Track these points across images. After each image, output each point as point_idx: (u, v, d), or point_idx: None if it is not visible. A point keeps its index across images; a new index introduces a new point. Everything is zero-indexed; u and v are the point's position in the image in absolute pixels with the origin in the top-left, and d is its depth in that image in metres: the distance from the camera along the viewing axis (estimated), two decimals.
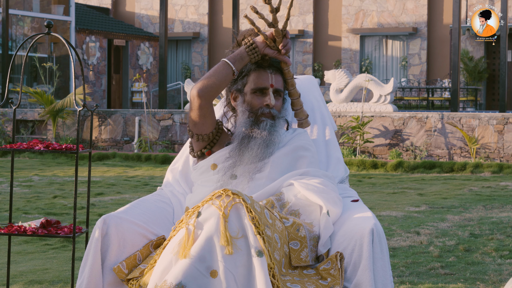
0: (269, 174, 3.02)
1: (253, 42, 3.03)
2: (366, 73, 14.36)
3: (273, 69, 3.10)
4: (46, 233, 3.42)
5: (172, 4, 26.34)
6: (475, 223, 6.76)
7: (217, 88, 2.99)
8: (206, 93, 2.98)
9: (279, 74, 3.12)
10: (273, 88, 3.09)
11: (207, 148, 3.14)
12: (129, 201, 8.04)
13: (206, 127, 3.08)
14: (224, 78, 3.00)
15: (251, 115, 3.07)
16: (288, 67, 3.11)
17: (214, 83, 2.98)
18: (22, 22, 21.36)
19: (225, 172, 3.02)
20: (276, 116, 3.08)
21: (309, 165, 3.09)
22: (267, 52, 3.05)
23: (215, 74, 2.99)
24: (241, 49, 3.04)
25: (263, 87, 3.08)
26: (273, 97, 3.08)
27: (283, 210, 2.87)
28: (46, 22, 3.50)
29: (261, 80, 3.08)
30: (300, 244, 2.73)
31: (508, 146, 12.73)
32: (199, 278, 2.46)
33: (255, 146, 3.02)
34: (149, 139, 14.92)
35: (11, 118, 15.91)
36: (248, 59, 3.03)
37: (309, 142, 3.17)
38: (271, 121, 3.07)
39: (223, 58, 3.03)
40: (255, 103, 3.08)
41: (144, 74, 24.86)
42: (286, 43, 3.04)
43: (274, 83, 3.09)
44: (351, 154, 13.09)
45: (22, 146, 3.56)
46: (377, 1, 24.30)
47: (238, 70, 3.02)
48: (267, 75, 3.08)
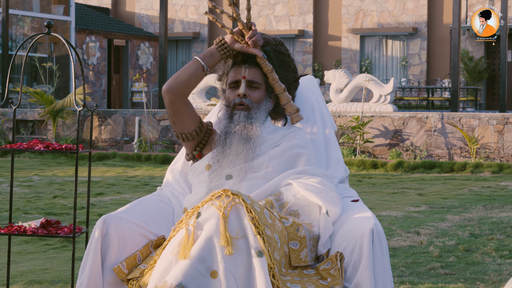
0: (265, 174, 3.01)
1: (223, 39, 3.07)
2: (366, 73, 14.36)
3: (249, 64, 3.12)
4: (46, 233, 3.42)
5: (172, 4, 26.34)
6: (475, 223, 6.76)
7: (186, 83, 3.03)
8: (174, 88, 3.02)
9: (255, 68, 3.13)
10: (246, 80, 3.10)
11: (197, 150, 3.15)
12: (129, 201, 8.04)
13: (185, 124, 3.10)
14: (192, 73, 3.04)
15: (227, 109, 3.12)
16: (264, 60, 3.09)
17: (183, 78, 3.03)
18: (22, 22, 21.36)
19: (219, 172, 3.03)
20: (250, 107, 3.09)
21: (307, 163, 3.09)
22: (237, 47, 3.07)
23: (184, 70, 3.05)
24: (212, 47, 3.10)
25: (236, 79, 3.12)
26: (244, 86, 3.09)
27: (282, 210, 2.86)
28: (46, 22, 3.50)
29: (235, 74, 3.12)
30: (300, 244, 2.73)
31: (508, 146, 12.73)
32: (199, 279, 2.46)
33: (233, 141, 3.04)
34: (149, 139, 14.92)
35: (11, 118, 15.91)
36: (219, 55, 3.08)
37: (305, 139, 3.16)
38: (244, 112, 3.07)
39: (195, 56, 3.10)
40: (230, 96, 3.13)
41: (144, 74, 24.86)
42: (253, 35, 3.04)
43: (246, 75, 3.11)
44: (351, 154, 13.09)
45: (22, 146, 3.56)
46: (377, 1, 24.30)
47: (209, 67, 3.07)
48: (240, 69, 3.12)
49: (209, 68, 3.07)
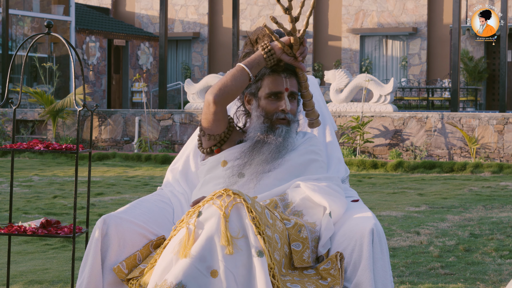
0: (276, 175, 3.01)
1: (271, 48, 2.98)
2: (366, 73, 14.36)
3: (287, 73, 3.07)
4: (46, 233, 3.42)
5: (172, 4, 26.34)
6: (475, 223, 6.76)
7: (234, 94, 2.96)
8: (222, 99, 2.95)
9: (293, 77, 3.08)
10: (288, 92, 3.06)
11: (217, 146, 3.13)
12: (129, 201, 8.04)
13: (219, 128, 3.07)
14: (240, 84, 2.96)
15: (266, 120, 3.04)
16: (304, 71, 3.07)
17: (231, 89, 2.95)
18: (22, 22, 21.36)
19: (233, 170, 3.01)
20: (291, 121, 3.06)
21: (319, 170, 3.09)
22: (284, 58, 3.00)
23: (232, 80, 2.94)
24: (258, 54, 2.99)
25: (278, 91, 3.04)
26: (288, 101, 3.05)
27: (286, 210, 2.86)
28: (46, 22, 3.49)
29: (276, 84, 3.04)
30: (302, 245, 2.73)
31: (508, 146, 12.73)
32: (200, 278, 2.46)
33: (267, 151, 3.00)
34: (149, 139, 14.92)
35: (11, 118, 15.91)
36: (264, 64, 2.99)
37: (319, 147, 3.17)
38: (286, 127, 3.04)
39: (239, 63, 2.98)
40: (269, 108, 3.05)
41: (144, 74, 24.86)
42: (303, 50, 3.01)
43: (289, 87, 3.05)
44: (351, 154, 13.09)
45: (22, 146, 3.56)
46: (377, 1, 24.30)
47: (254, 76, 2.98)
48: (281, 79, 3.05)
49: (254, 77, 2.99)
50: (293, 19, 3.00)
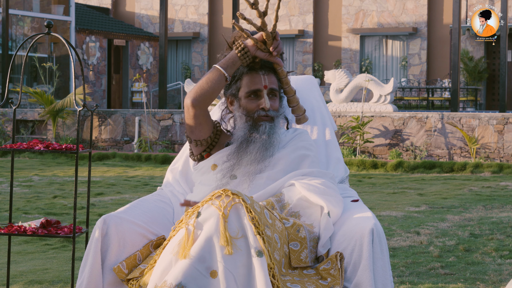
0: (269, 175, 3.01)
1: (245, 46, 2.99)
2: (366, 73, 14.36)
3: (266, 70, 3.07)
4: (46, 233, 3.42)
5: (172, 4, 26.34)
6: (475, 223, 6.76)
7: (211, 95, 2.96)
8: (200, 102, 2.96)
9: (272, 74, 3.08)
10: (268, 89, 3.05)
11: (206, 151, 3.13)
12: (129, 201, 8.04)
13: (204, 133, 3.07)
14: (217, 85, 2.96)
15: (249, 119, 3.04)
16: (281, 66, 3.06)
17: (208, 91, 2.95)
18: (22, 22, 21.35)
19: (225, 173, 3.02)
20: (274, 117, 3.06)
21: (311, 164, 3.08)
22: (259, 55, 3.00)
23: (208, 82, 2.96)
24: (232, 54, 3.00)
25: (256, 89, 3.05)
26: (267, 98, 3.04)
27: (283, 211, 2.86)
28: (46, 22, 3.49)
29: (254, 82, 3.05)
30: (300, 245, 2.73)
31: (508, 146, 12.73)
32: (199, 279, 2.46)
33: (254, 150, 3.00)
34: (149, 139, 14.92)
35: (11, 118, 15.91)
36: (240, 63, 3.00)
37: (310, 142, 3.15)
38: (269, 124, 3.04)
39: (215, 64, 2.99)
40: (250, 107, 3.05)
41: (144, 74, 24.86)
42: (277, 45, 3.00)
43: (267, 84, 3.05)
44: (351, 154, 13.09)
45: (22, 146, 3.55)
46: (377, 1, 24.29)
47: (230, 76, 2.98)
48: (259, 77, 3.05)
49: (230, 77, 2.99)
50: (261, 13, 3.00)
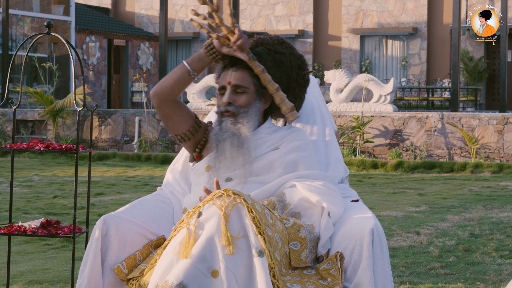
0: (265, 178, 3.00)
1: (211, 43, 3.02)
2: (366, 73, 14.36)
3: (238, 67, 3.07)
4: (46, 233, 3.42)
5: (172, 4, 26.34)
6: (475, 223, 6.76)
7: (171, 87, 3.01)
8: (159, 93, 3.01)
9: (244, 70, 3.06)
10: (231, 85, 3.05)
11: (196, 151, 3.14)
12: (129, 201, 8.04)
13: (176, 126, 3.09)
14: (178, 78, 3.01)
15: (218, 116, 3.09)
16: (253, 62, 3.02)
17: (168, 82, 3.01)
18: (22, 22, 21.36)
19: (219, 175, 3.02)
20: (237, 113, 3.04)
21: (308, 165, 3.06)
22: (223, 51, 3.01)
23: (170, 75, 3.03)
24: (200, 50, 3.06)
25: (222, 85, 3.08)
26: (228, 94, 3.04)
27: (284, 211, 2.86)
28: (46, 22, 3.50)
29: (222, 79, 3.09)
30: (301, 245, 2.73)
31: (508, 146, 12.73)
32: (200, 278, 2.46)
33: (226, 148, 3.01)
34: (149, 139, 14.92)
35: (11, 118, 15.91)
36: (208, 59, 3.03)
37: (305, 141, 3.12)
38: (230, 119, 3.04)
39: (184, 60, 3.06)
40: (219, 103, 3.09)
41: (144, 74, 24.87)
42: (237, 39, 2.98)
43: (232, 80, 3.05)
44: (351, 154, 13.09)
45: (22, 146, 3.56)
46: (377, 1, 24.30)
47: (196, 71, 3.02)
48: (227, 73, 3.07)
49: (196, 73, 3.02)
50: (213, 9, 3.00)
